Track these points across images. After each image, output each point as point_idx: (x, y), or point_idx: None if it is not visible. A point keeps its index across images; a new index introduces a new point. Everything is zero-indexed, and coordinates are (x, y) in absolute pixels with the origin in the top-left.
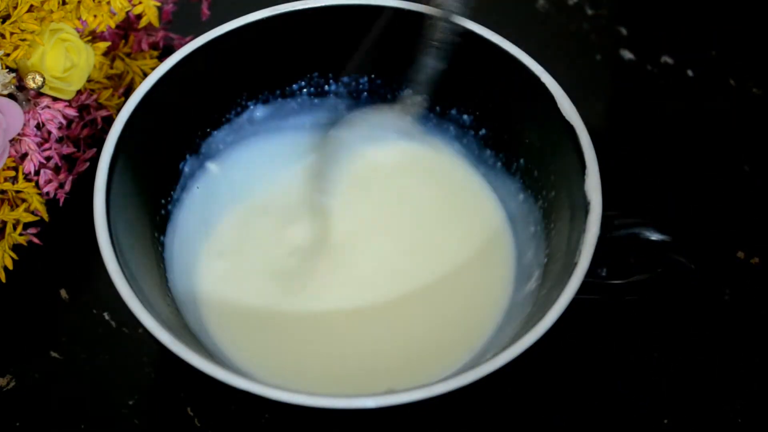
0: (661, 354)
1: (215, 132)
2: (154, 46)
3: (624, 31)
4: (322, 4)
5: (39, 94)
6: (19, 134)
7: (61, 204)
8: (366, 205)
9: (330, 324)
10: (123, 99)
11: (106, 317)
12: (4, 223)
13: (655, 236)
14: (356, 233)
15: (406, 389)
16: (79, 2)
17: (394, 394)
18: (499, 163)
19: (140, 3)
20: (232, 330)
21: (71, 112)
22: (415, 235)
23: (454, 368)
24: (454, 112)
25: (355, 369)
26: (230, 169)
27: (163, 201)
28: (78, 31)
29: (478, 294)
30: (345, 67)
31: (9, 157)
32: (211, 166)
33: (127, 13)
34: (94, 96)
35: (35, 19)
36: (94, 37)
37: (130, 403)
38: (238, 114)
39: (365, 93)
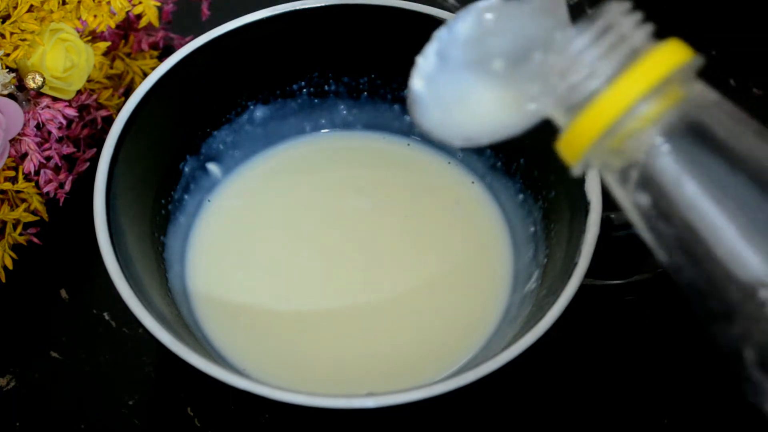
0: (661, 354)
1: (215, 132)
2: (154, 46)
3: None
4: (322, 4)
5: (39, 94)
6: (19, 134)
7: (61, 204)
8: (363, 206)
9: (328, 325)
10: (123, 99)
11: (106, 317)
12: (4, 223)
13: None
14: (354, 234)
15: (406, 389)
16: (79, 2)
17: (394, 394)
18: (499, 163)
19: (140, 3)
20: (228, 329)
21: (71, 112)
22: (414, 235)
23: (453, 368)
24: None
25: (353, 369)
26: (233, 174)
27: (163, 201)
28: (78, 31)
29: (478, 294)
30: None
31: (9, 157)
32: (212, 167)
33: (127, 13)
34: (94, 96)
35: (35, 19)
36: (94, 37)
37: (130, 403)
38: (238, 114)
39: (365, 93)
